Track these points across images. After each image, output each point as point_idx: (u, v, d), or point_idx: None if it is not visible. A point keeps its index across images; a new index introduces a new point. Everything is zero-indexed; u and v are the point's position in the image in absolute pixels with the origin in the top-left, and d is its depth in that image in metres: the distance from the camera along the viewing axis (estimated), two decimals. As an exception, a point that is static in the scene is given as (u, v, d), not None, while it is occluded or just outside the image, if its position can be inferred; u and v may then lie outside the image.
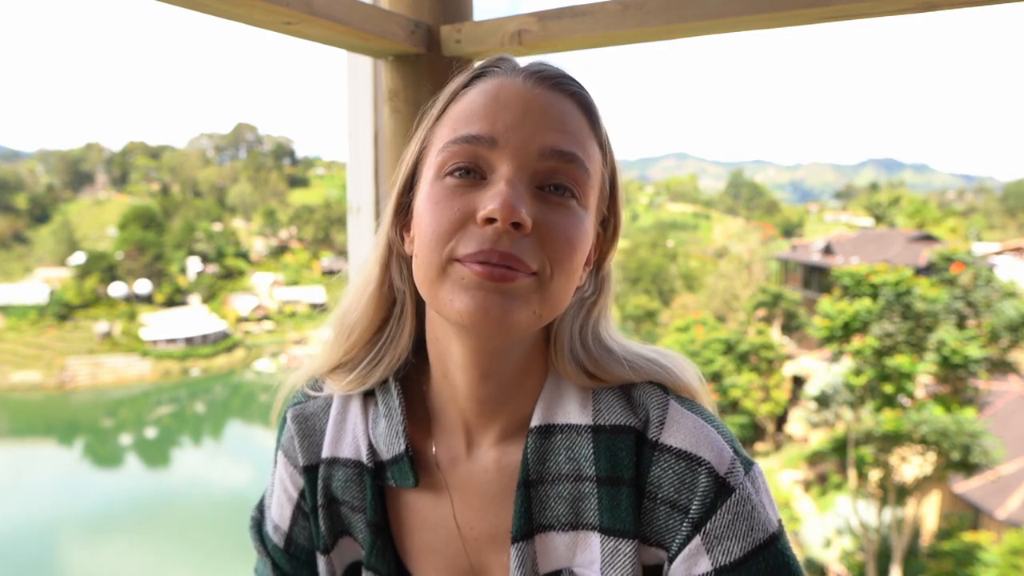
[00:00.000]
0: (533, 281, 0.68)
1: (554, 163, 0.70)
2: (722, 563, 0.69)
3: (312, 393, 0.87)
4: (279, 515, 0.88)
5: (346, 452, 0.83)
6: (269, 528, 0.89)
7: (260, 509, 0.92)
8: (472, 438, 0.80)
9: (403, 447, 0.79)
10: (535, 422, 0.76)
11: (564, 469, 0.75)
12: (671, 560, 0.72)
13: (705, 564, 0.70)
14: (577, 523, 0.75)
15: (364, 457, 0.81)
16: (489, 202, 0.67)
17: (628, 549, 0.72)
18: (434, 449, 0.81)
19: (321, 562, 0.85)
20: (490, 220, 0.67)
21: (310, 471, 0.84)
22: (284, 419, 0.87)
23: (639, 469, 0.73)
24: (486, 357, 0.74)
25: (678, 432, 0.73)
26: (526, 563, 0.75)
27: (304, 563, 0.88)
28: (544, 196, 0.70)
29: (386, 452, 0.80)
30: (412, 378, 0.84)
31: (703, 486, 0.70)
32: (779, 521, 0.73)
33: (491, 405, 0.77)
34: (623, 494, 0.72)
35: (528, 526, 0.75)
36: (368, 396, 0.84)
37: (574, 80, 0.75)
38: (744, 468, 0.72)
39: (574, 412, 0.76)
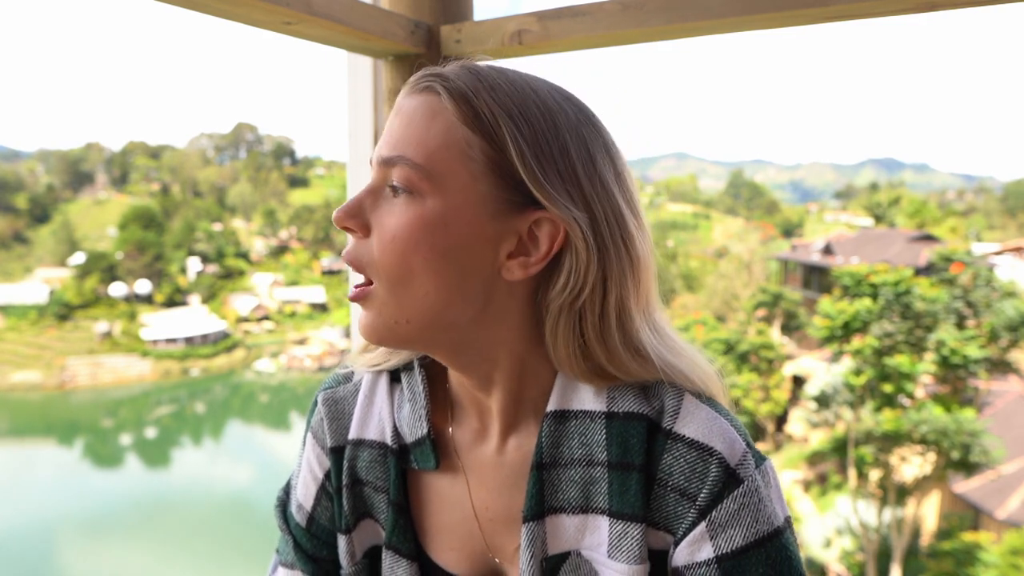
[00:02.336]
0: (376, 288, 0.74)
1: (383, 170, 0.74)
2: (724, 551, 0.71)
3: (343, 373, 0.91)
4: (304, 495, 0.91)
5: (372, 434, 0.86)
6: (293, 508, 0.92)
7: (286, 490, 0.95)
8: (487, 422, 0.83)
9: (425, 430, 0.82)
10: (550, 407, 0.78)
11: (577, 454, 0.77)
12: (676, 544, 0.74)
13: (707, 550, 0.72)
14: (587, 506, 0.76)
15: (389, 439, 0.84)
16: None
17: (635, 532, 0.74)
18: (452, 432, 0.84)
19: (342, 541, 0.87)
20: None
21: (337, 452, 0.87)
22: (315, 402, 0.91)
23: (651, 456, 0.74)
24: (461, 370, 0.80)
25: (692, 423, 0.74)
26: (536, 543, 0.77)
27: (324, 543, 0.90)
28: (387, 200, 0.74)
29: (409, 435, 0.83)
30: (435, 362, 0.87)
31: (713, 475, 0.72)
32: (787, 518, 0.74)
33: (500, 397, 0.80)
34: (633, 479, 0.74)
35: (539, 507, 0.77)
36: (394, 380, 0.87)
37: (446, 76, 0.73)
38: (756, 462, 0.74)
39: (588, 399, 0.78)
